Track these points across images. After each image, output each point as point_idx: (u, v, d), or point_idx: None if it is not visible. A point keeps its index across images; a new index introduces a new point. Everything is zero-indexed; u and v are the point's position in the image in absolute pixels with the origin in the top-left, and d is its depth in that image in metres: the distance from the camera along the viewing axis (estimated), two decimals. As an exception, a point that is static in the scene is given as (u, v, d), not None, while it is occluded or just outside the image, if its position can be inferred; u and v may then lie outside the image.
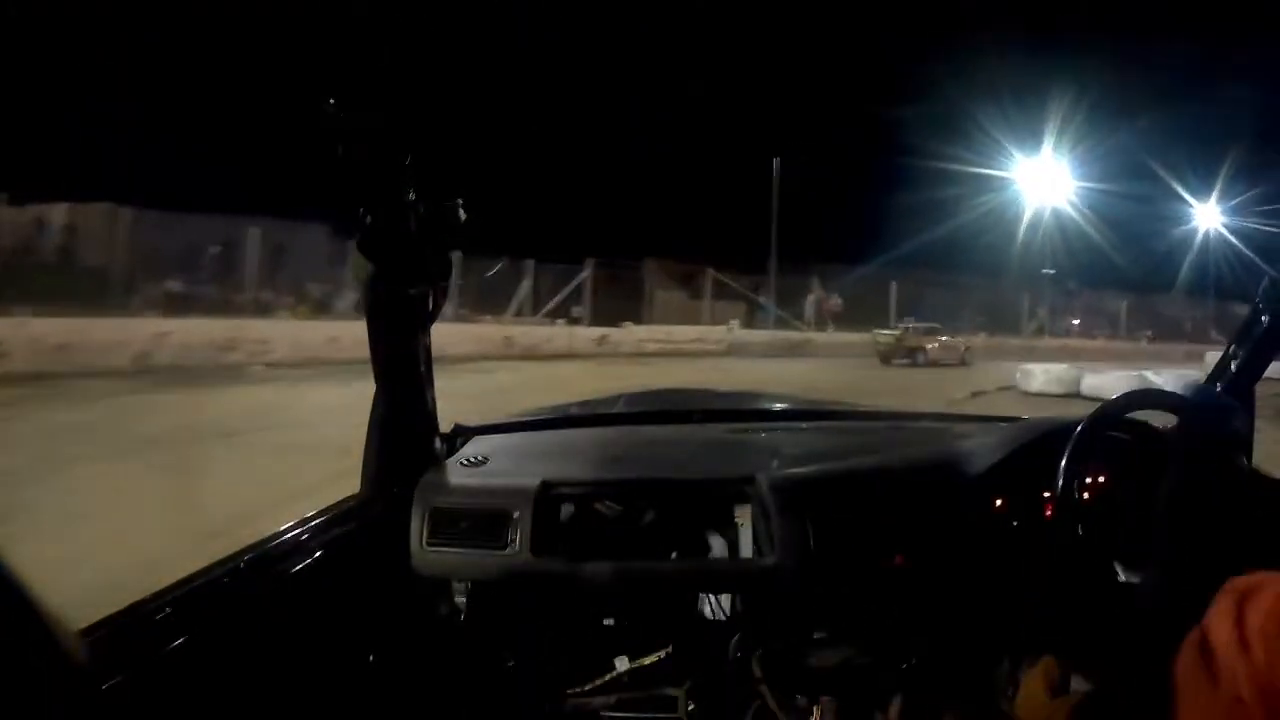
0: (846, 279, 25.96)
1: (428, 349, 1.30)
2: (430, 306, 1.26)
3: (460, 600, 1.39)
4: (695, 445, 1.57)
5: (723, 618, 1.40)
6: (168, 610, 0.84)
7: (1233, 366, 1.46)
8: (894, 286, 25.30)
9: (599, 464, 1.42)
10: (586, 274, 21.43)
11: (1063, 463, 1.14)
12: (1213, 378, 1.50)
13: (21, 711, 0.44)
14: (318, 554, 1.10)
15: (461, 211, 1.20)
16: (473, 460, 1.42)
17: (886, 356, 19.76)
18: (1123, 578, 1.16)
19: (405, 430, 1.34)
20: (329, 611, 1.12)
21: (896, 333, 20.68)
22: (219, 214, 15.86)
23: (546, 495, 1.27)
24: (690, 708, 1.34)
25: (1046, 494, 1.20)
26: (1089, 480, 1.21)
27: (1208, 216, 26.43)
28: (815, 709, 1.32)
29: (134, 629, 0.80)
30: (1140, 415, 1.26)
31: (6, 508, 3.90)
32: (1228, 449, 1.17)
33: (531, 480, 1.29)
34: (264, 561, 1.02)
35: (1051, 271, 29.55)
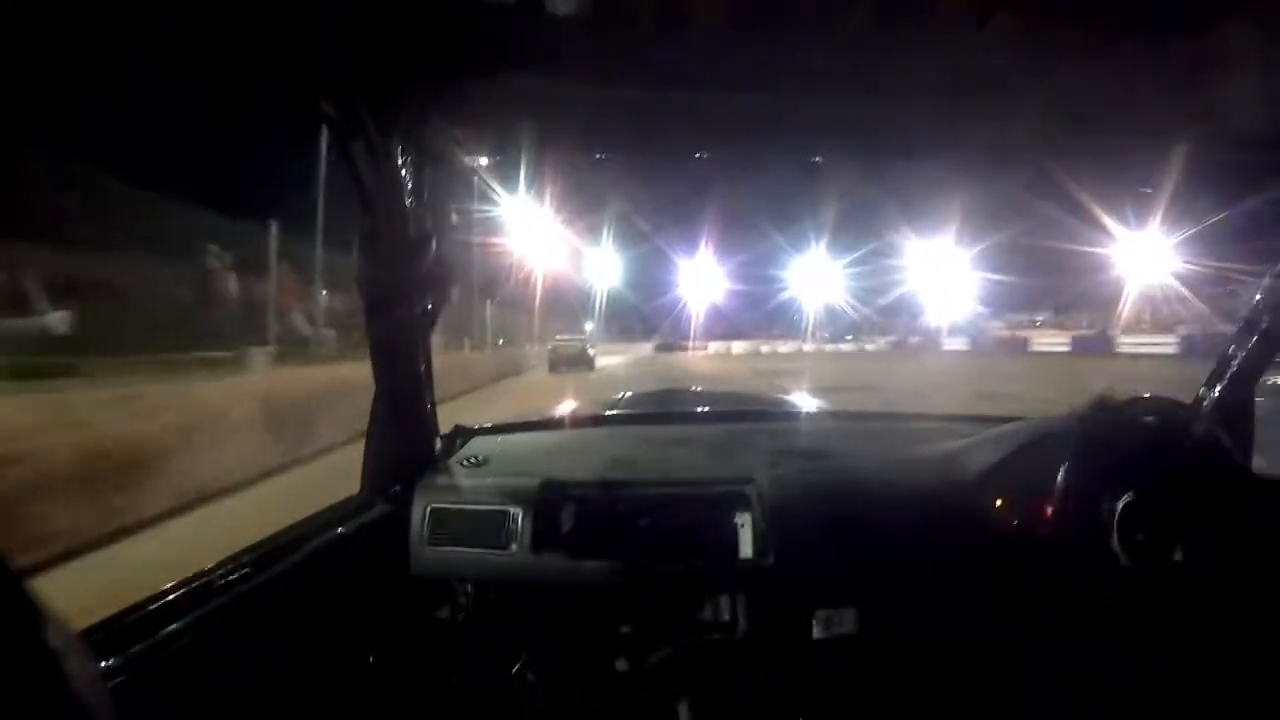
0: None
1: (428, 349, 1.31)
2: (430, 307, 1.26)
3: (460, 600, 1.39)
4: (695, 445, 1.57)
5: (723, 618, 1.40)
6: (168, 610, 0.84)
7: (1233, 366, 1.46)
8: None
9: (599, 464, 1.42)
10: None
11: (1062, 463, 1.14)
12: (1212, 379, 1.50)
13: (21, 712, 0.44)
14: (318, 554, 1.10)
15: (455, 214, 1.20)
16: (473, 460, 1.42)
17: (561, 363, 19.22)
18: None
19: (405, 430, 1.34)
20: (329, 611, 1.12)
21: (577, 343, 20.72)
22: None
23: (546, 495, 1.27)
24: (691, 709, 1.34)
25: (1046, 494, 1.20)
26: (1089, 480, 1.20)
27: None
28: (815, 709, 1.32)
29: (134, 629, 0.80)
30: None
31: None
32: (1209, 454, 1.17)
33: (531, 480, 1.29)
34: (264, 561, 1.01)
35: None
